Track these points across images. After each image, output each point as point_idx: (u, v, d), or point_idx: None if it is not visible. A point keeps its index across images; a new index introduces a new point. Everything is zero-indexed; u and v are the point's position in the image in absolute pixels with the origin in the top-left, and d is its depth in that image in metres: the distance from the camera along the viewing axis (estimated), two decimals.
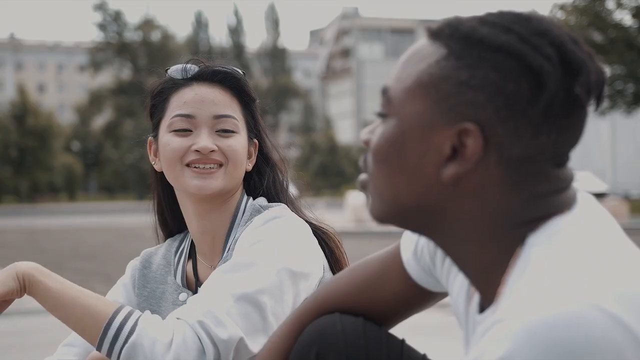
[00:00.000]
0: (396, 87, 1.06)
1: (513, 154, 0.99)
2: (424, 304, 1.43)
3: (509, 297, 0.95)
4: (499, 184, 1.00)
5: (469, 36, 1.01)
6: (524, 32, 0.99)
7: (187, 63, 1.84)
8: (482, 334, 0.97)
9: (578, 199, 1.05)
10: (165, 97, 1.83)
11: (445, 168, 1.01)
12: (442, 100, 1.01)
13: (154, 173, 1.90)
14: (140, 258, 1.95)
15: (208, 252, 1.83)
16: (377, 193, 1.08)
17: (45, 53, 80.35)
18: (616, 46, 21.68)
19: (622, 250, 0.99)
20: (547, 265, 0.94)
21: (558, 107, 0.98)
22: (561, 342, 0.86)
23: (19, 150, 51.27)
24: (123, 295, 1.92)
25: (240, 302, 1.56)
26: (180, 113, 1.78)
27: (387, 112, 1.07)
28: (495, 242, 1.02)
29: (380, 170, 1.06)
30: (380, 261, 1.43)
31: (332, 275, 1.75)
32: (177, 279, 1.86)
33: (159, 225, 1.97)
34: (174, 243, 1.94)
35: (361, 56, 73.71)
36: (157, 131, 1.84)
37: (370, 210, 1.10)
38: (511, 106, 0.98)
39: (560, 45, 0.99)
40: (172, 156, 1.77)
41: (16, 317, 6.83)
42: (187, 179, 1.76)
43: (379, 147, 1.06)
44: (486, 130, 0.99)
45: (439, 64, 1.02)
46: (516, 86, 0.98)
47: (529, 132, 0.98)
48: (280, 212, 1.74)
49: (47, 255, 13.42)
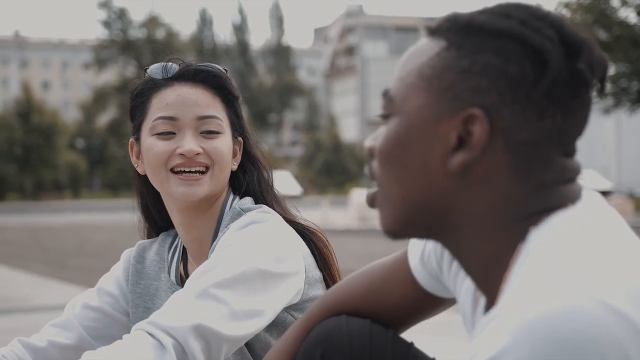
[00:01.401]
0: (397, 85, 1.06)
1: (519, 138, 0.98)
2: (432, 310, 1.42)
3: (509, 293, 0.94)
4: (505, 172, 0.99)
5: (468, 25, 1.01)
6: (523, 16, 1.00)
7: (166, 62, 1.80)
8: (480, 331, 0.96)
9: (583, 195, 1.03)
10: (145, 98, 1.79)
11: (452, 158, 1.00)
12: (445, 90, 1.00)
13: (136, 174, 1.86)
14: (134, 251, 1.92)
15: (197, 255, 1.82)
16: (386, 199, 1.06)
17: (50, 50, 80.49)
18: (621, 44, 21.64)
19: (627, 247, 0.97)
20: (546, 259, 0.93)
21: (562, 88, 0.97)
22: (559, 336, 0.84)
23: (24, 148, 51.40)
24: (116, 288, 1.89)
25: (201, 298, 1.52)
26: (163, 115, 1.74)
27: (389, 112, 1.06)
28: (498, 236, 1.00)
29: (387, 172, 1.05)
30: (388, 266, 1.42)
31: (318, 274, 1.75)
32: (171, 277, 1.84)
33: (147, 223, 1.94)
34: (167, 239, 1.92)
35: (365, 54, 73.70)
36: (138, 133, 1.80)
37: (381, 223, 1.08)
38: (515, 89, 0.97)
39: (560, 27, 0.99)
40: (156, 161, 1.74)
41: (20, 314, 6.84)
42: (173, 185, 1.73)
43: (384, 148, 1.05)
44: (492, 114, 0.98)
45: (440, 56, 1.02)
46: (519, 69, 0.97)
47: (535, 115, 0.98)
48: (257, 217, 1.70)
49: (51, 253, 13.44)
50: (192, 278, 1.58)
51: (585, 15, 21.97)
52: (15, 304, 7.47)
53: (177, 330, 1.47)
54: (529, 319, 0.86)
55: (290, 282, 1.64)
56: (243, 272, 1.57)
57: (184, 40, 60.81)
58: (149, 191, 1.86)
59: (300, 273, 1.68)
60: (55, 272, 10.27)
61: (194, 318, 1.49)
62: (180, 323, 1.48)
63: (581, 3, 22.27)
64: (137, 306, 1.84)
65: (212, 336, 1.50)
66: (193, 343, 1.48)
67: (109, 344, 1.51)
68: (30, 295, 8.03)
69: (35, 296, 7.97)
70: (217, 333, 1.50)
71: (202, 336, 1.49)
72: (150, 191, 1.86)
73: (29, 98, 51.98)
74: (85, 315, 1.84)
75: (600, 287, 0.88)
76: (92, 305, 1.85)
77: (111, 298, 1.87)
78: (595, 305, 0.86)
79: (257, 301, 1.57)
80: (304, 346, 1.39)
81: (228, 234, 1.68)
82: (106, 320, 1.85)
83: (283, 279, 1.63)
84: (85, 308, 1.85)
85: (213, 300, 1.53)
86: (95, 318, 1.84)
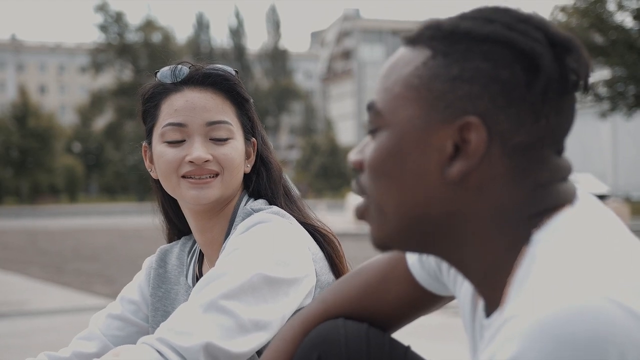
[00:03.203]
0: (383, 97, 1.04)
1: (516, 141, 0.98)
2: (429, 306, 1.41)
3: (517, 295, 0.93)
4: (503, 176, 0.99)
5: (453, 32, 1.00)
6: (507, 20, 0.99)
7: (176, 65, 1.78)
8: (491, 336, 0.96)
9: (579, 197, 1.04)
10: (156, 102, 1.78)
11: (449, 167, 0.99)
12: (436, 100, 0.99)
13: (153, 179, 1.85)
14: (156, 256, 1.91)
15: (212, 257, 1.81)
16: (378, 213, 1.05)
17: (47, 54, 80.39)
18: (617, 48, 21.66)
19: (629, 246, 0.97)
20: (555, 260, 0.93)
21: (554, 89, 0.98)
22: (574, 337, 0.84)
23: (20, 152, 51.29)
24: (139, 296, 1.89)
25: (208, 311, 1.51)
26: (172, 122, 1.73)
27: (377, 126, 1.04)
28: (501, 241, 1.00)
29: (380, 185, 1.03)
30: (385, 264, 1.41)
31: (331, 278, 1.72)
32: (188, 280, 1.84)
33: (167, 226, 1.94)
34: (187, 242, 1.91)
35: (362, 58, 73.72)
36: (150, 138, 1.80)
37: (372, 235, 1.07)
38: (508, 93, 0.97)
39: (545, 28, 0.99)
40: (167, 168, 1.73)
41: (19, 318, 6.83)
42: (184, 190, 1.73)
43: (375, 161, 1.03)
44: (487, 120, 0.97)
45: (427, 65, 1.01)
46: (510, 73, 0.97)
47: (530, 116, 0.98)
48: (264, 217, 1.69)
49: (48, 257, 13.41)
50: (199, 287, 1.57)
51: (581, 20, 22.01)
52: (12, 307, 7.45)
53: (187, 351, 1.46)
54: (545, 319, 0.85)
55: (300, 287, 1.62)
56: (250, 280, 1.55)
57: (180, 44, 60.77)
58: (165, 195, 1.86)
59: (310, 275, 1.66)
60: (52, 276, 10.25)
61: (203, 336, 1.48)
62: (190, 342, 1.46)
63: (577, 7, 22.30)
64: (157, 309, 1.84)
65: (221, 355, 1.49)
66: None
67: None
68: (27, 299, 8.01)
69: (32, 300, 7.96)
70: (227, 352, 1.49)
71: (212, 355, 1.48)
72: (167, 196, 1.85)
73: (26, 102, 51.89)
74: (109, 325, 1.85)
75: (612, 286, 0.88)
76: (114, 314, 1.86)
77: (134, 306, 1.88)
78: (610, 305, 0.86)
79: (266, 311, 1.55)
80: (301, 349, 1.38)
81: (234, 236, 1.68)
82: (129, 328, 1.85)
83: (291, 285, 1.60)
84: (109, 317, 1.86)
85: (221, 313, 1.51)
86: (119, 327, 1.85)
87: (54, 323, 6.53)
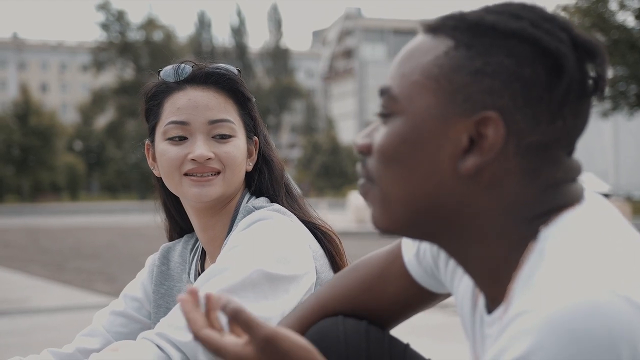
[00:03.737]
0: (400, 83, 1.03)
1: (531, 141, 0.98)
2: (426, 304, 1.41)
3: (526, 291, 0.93)
4: (516, 173, 0.98)
5: (478, 25, 0.99)
6: (534, 18, 0.99)
7: (179, 63, 1.79)
8: (499, 332, 0.95)
9: (586, 196, 1.04)
10: (159, 101, 1.79)
11: (463, 161, 0.98)
12: (455, 91, 0.98)
13: (155, 177, 1.87)
14: (159, 254, 1.93)
15: (214, 254, 1.82)
16: (384, 198, 1.04)
17: (48, 52, 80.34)
18: (619, 47, 21.62)
19: (637, 242, 0.98)
20: (565, 256, 0.93)
21: (575, 91, 0.97)
22: (586, 332, 0.84)
23: (22, 150, 51.30)
24: (141, 293, 1.90)
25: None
26: (174, 120, 1.75)
27: (390, 111, 1.03)
28: (508, 237, 1.00)
29: (389, 172, 1.02)
30: (382, 261, 1.41)
31: (331, 276, 1.72)
32: (190, 277, 1.85)
33: (169, 224, 1.95)
34: (190, 240, 1.93)
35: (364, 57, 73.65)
36: (153, 136, 1.81)
37: (374, 219, 1.06)
38: (528, 92, 0.96)
39: (569, 30, 0.99)
40: (170, 166, 1.75)
41: (19, 316, 6.84)
42: (186, 187, 1.74)
43: (387, 147, 1.02)
44: (506, 117, 0.97)
45: (448, 55, 1.00)
46: (532, 71, 0.96)
47: (547, 117, 0.97)
48: (264, 214, 1.70)
49: (49, 255, 13.42)
50: (199, 282, 1.58)
51: (583, 19, 21.96)
52: (13, 305, 7.46)
53: (186, 345, 1.48)
54: (558, 314, 0.85)
55: (300, 284, 1.63)
56: (250, 276, 1.56)
57: (182, 42, 60.74)
58: (167, 193, 1.87)
59: (310, 272, 1.66)
60: (53, 274, 10.26)
61: None
62: (189, 337, 1.47)
63: (579, 6, 22.26)
64: (159, 306, 1.85)
65: None
66: (202, 358, 1.48)
67: None
68: (28, 297, 8.02)
69: (33, 298, 7.96)
70: None
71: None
72: (169, 195, 1.87)
73: (27, 100, 51.88)
74: (112, 322, 1.86)
75: (621, 282, 0.88)
76: (118, 311, 1.87)
77: (137, 303, 1.89)
78: (620, 301, 0.86)
79: (266, 307, 1.56)
80: None
81: (235, 233, 1.69)
82: (132, 325, 1.87)
83: (291, 282, 1.61)
84: (112, 314, 1.87)
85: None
86: (122, 323, 1.86)
87: (54, 321, 6.54)
